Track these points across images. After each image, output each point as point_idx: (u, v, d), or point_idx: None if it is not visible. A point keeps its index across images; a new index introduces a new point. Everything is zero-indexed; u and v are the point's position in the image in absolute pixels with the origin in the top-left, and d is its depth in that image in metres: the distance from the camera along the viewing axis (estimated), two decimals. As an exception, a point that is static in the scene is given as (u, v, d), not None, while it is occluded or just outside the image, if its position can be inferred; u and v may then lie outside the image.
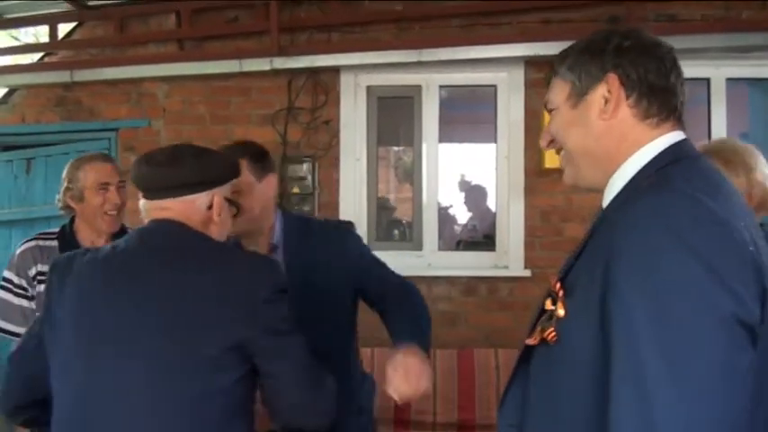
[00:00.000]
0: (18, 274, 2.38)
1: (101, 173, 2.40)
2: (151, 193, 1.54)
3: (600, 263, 1.01)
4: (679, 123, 1.16)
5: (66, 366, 1.44)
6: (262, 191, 1.99)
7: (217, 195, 1.56)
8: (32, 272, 2.37)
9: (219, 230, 1.59)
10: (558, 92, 1.22)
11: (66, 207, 2.44)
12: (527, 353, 1.19)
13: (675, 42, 1.26)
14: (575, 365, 1.05)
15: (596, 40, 1.18)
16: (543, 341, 1.11)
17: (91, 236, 2.44)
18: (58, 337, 1.46)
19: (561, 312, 1.07)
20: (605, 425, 0.96)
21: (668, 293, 0.93)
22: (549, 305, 1.11)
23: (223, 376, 1.40)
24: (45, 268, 2.28)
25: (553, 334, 1.08)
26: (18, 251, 2.42)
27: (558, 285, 1.10)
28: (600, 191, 1.21)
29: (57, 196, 2.47)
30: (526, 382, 1.19)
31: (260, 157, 2.02)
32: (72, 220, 2.47)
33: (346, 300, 2.10)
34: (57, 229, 2.49)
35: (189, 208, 1.52)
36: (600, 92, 1.15)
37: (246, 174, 1.91)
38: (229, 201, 1.62)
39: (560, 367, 1.08)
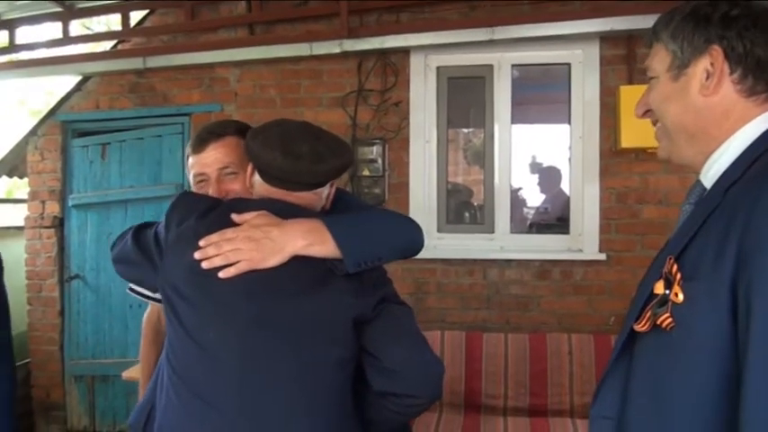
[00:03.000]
0: None
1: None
2: (284, 184, 1.50)
3: (729, 245, 0.94)
4: None
5: (199, 333, 1.43)
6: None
7: (335, 184, 1.63)
8: None
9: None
10: (659, 60, 1.15)
11: None
12: (630, 340, 1.12)
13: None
14: (696, 355, 0.98)
15: (702, 5, 1.10)
16: (656, 327, 1.03)
17: None
18: (180, 304, 1.46)
19: (680, 297, 1.00)
20: (727, 417, 0.91)
21: None
22: (660, 288, 1.03)
23: (348, 350, 1.46)
24: None
25: (670, 320, 1.01)
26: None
27: (675, 268, 1.02)
28: (695, 169, 1.15)
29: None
30: (627, 372, 1.12)
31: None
32: None
33: None
34: None
35: (317, 199, 1.56)
36: (702, 65, 1.08)
37: (241, 151, 1.72)
38: None
39: (677, 356, 1.01)
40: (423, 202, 3.99)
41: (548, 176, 4.26)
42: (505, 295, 3.98)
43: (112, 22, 5.96)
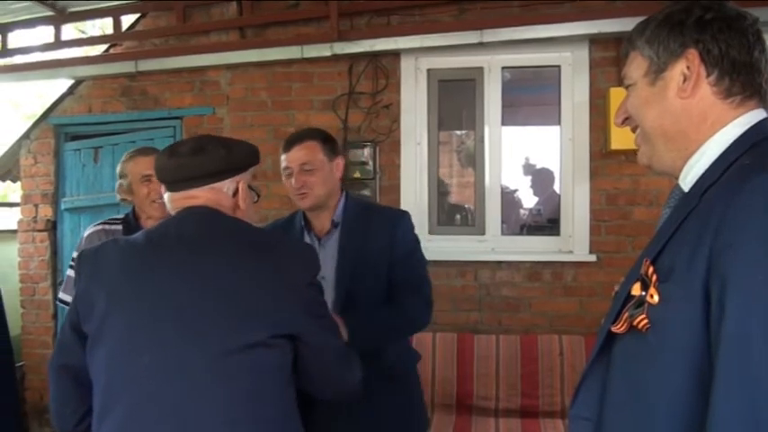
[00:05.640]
0: None
1: (142, 166, 2.57)
2: (177, 185, 1.55)
3: (702, 247, 0.94)
4: (762, 102, 1.10)
5: (115, 351, 1.42)
6: (331, 170, 2.21)
7: (241, 182, 1.60)
8: None
9: (245, 217, 1.62)
10: (636, 67, 1.16)
11: (123, 199, 2.66)
12: (608, 341, 1.12)
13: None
14: (671, 355, 0.98)
15: (676, 11, 1.11)
16: (632, 329, 1.04)
17: (150, 221, 2.60)
18: (102, 324, 1.44)
19: (655, 298, 1.00)
20: (702, 419, 0.91)
21: None
22: (637, 290, 1.04)
23: (274, 354, 1.43)
24: None
25: (645, 321, 1.01)
26: (86, 234, 2.63)
27: (651, 270, 1.03)
28: (674, 175, 1.15)
29: (115, 190, 2.70)
30: (605, 373, 1.12)
31: (330, 140, 2.24)
32: (134, 208, 2.68)
33: (385, 281, 2.20)
34: (122, 216, 2.69)
35: (217, 195, 1.56)
36: (679, 68, 1.09)
37: (319, 154, 2.18)
38: (251, 187, 1.66)
39: (653, 357, 1.01)
40: (414, 204, 3.99)
41: (540, 178, 4.27)
42: (497, 297, 3.99)
43: (106, 26, 5.95)
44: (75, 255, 2.58)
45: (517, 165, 4.26)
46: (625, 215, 3.87)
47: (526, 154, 4.30)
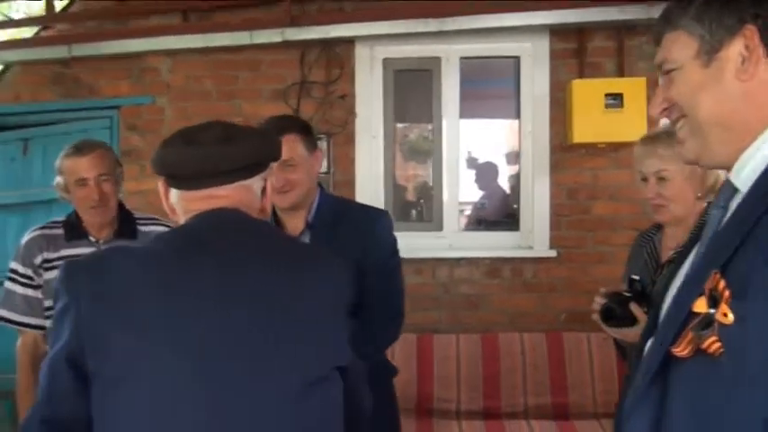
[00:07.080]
0: (23, 264, 2.37)
1: (79, 166, 2.36)
2: (199, 181, 1.25)
3: None
4: None
5: (156, 389, 1.14)
6: (312, 164, 2.05)
7: (268, 180, 1.36)
8: (38, 260, 2.36)
9: (265, 219, 1.41)
10: (682, 47, 1.02)
11: (63, 197, 2.46)
12: (664, 364, 0.97)
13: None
14: (751, 385, 0.85)
15: None
16: (699, 352, 0.90)
17: (94, 223, 2.40)
18: (128, 358, 1.14)
19: (729, 317, 0.86)
20: None
21: None
22: (702, 307, 0.90)
23: (332, 387, 1.26)
24: (51, 255, 2.35)
25: (718, 344, 0.87)
26: (24, 241, 2.41)
27: (723, 284, 0.88)
28: (726, 168, 1.02)
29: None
30: (660, 402, 0.98)
31: (309, 130, 2.07)
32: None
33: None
34: (63, 218, 2.47)
35: (246, 195, 1.29)
36: (736, 48, 0.96)
37: (300, 147, 1.98)
38: None
39: (728, 386, 0.87)
40: (369, 200, 3.82)
41: (485, 172, 4.19)
42: (456, 295, 3.88)
43: (33, 8, 5.59)
44: (14, 265, 2.37)
45: (473, 158, 4.17)
46: (586, 209, 3.82)
47: (476, 147, 4.19)
